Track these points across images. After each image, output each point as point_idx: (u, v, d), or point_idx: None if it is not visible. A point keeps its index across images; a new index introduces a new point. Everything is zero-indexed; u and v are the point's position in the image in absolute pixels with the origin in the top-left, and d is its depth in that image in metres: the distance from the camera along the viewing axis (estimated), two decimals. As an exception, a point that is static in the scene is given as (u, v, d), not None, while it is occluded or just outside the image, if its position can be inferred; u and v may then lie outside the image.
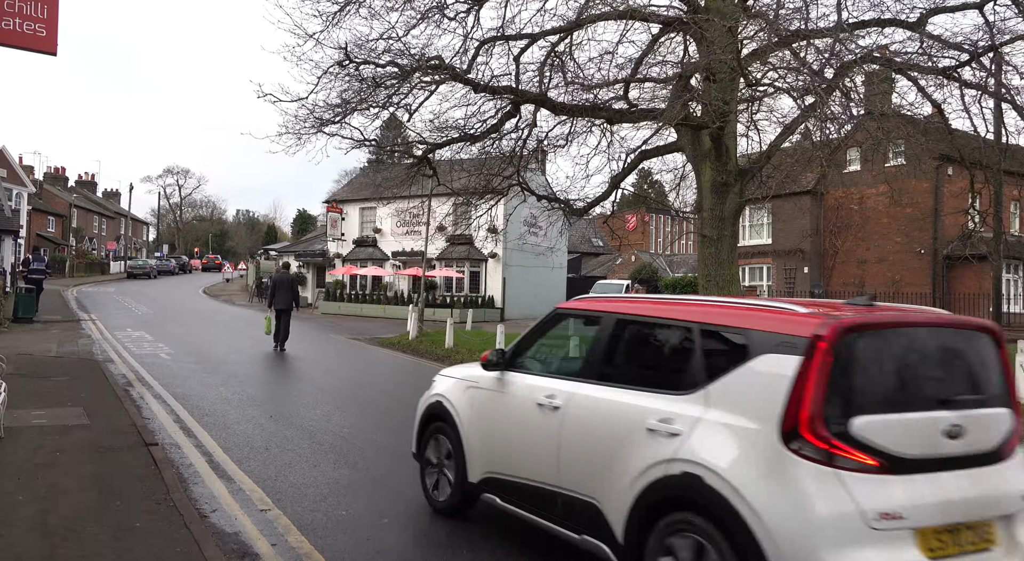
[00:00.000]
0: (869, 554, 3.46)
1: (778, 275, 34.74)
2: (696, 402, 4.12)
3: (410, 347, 20.58)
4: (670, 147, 19.46)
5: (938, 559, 3.61)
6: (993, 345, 4.21)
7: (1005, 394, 4.13)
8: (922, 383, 4.01)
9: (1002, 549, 3.80)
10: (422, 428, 6.44)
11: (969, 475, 3.84)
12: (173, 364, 15.01)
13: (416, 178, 21.64)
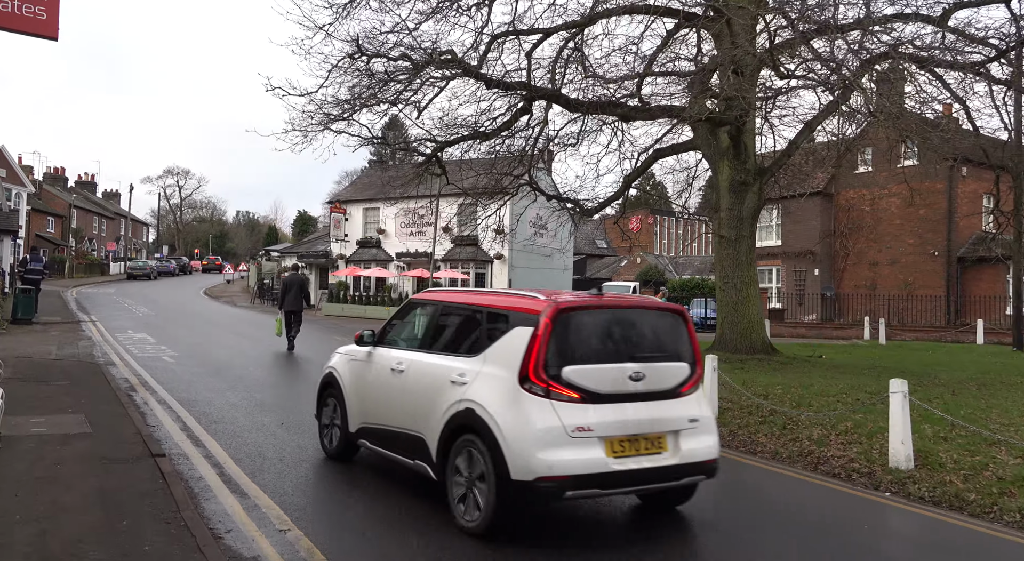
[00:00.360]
0: (566, 453, 5.31)
1: (788, 277, 34.27)
2: (478, 361, 5.94)
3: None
4: (685, 145, 19.01)
5: (619, 458, 5.47)
6: (681, 321, 6.27)
7: (688, 353, 6.10)
8: (615, 344, 5.88)
9: (669, 452, 5.73)
10: (320, 394, 8.22)
11: (647, 405, 5.72)
12: (177, 367, 14.52)
13: (424, 177, 21.18)
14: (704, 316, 32.07)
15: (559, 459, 5.28)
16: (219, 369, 14.51)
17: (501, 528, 5.51)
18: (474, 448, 5.64)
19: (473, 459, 5.65)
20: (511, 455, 5.31)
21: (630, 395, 5.66)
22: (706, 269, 49.99)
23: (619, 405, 5.60)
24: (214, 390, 12.01)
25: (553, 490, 5.31)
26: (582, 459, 5.34)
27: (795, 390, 11.84)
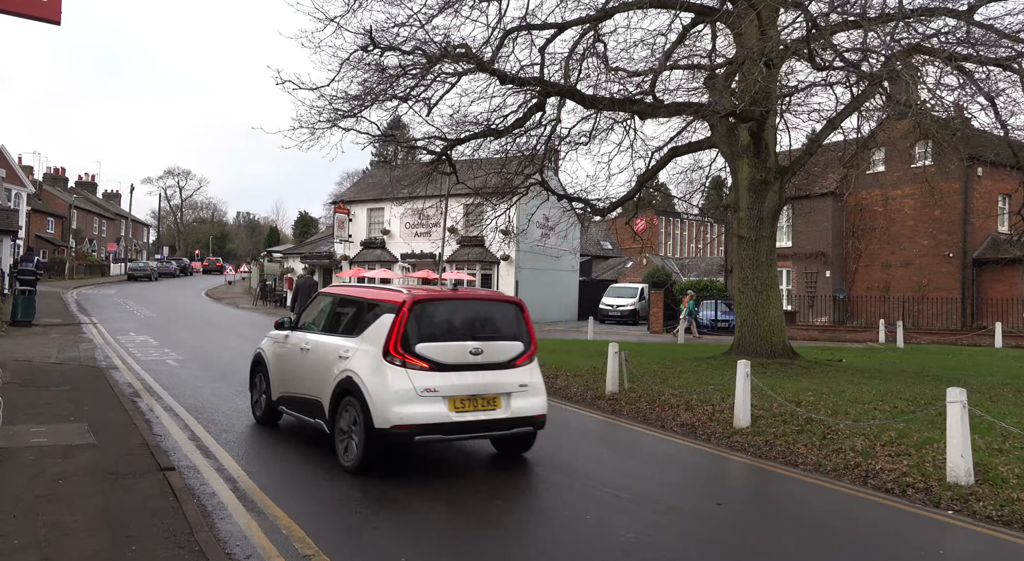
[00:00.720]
0: (416, 408, 6.96)
1: (798, 279, 33.77)
2: (358, 340, 7.57)
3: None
4: (703, 144, 18.53)
5: (459, 412, 7.14)
6: (518, 310, 7.97)
7: (523, 335, 7.81)
8: (460, 327, 7.52)
9: (502, 409, 7.40)
10: (251, 371, 9.98)
11: (484, 373, 7.37)
12: (182, 371, 14.03)
13: (433, 176, 20.70)
14: (714, 318, 31.59)
15: (410, 412, 7.00)
16: (225, 373, 14.03)
17: (371, 465, 7.19)
18: (351, 406, 7.33)
19: (351, 415, 7.34)
20: (374, 410, 7.00)
21: (470, 365, 7.40)
22: (713, 271, 49.51)
23: (461, 373, 7.33)
24: (221, 396, 11.53)
25: (405, 435, 7.04)
26: (428, 412, 7.08)
27: (827, 397, 11.36)
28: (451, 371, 7.24)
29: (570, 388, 13.63)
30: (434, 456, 8.28)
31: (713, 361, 16.64)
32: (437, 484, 7.18)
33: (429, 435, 7.15)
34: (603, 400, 12.47)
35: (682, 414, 10.87)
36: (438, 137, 18.19)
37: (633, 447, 9.52)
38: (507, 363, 7.58)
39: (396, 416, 6.93)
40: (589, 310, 40.09)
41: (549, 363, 16.07)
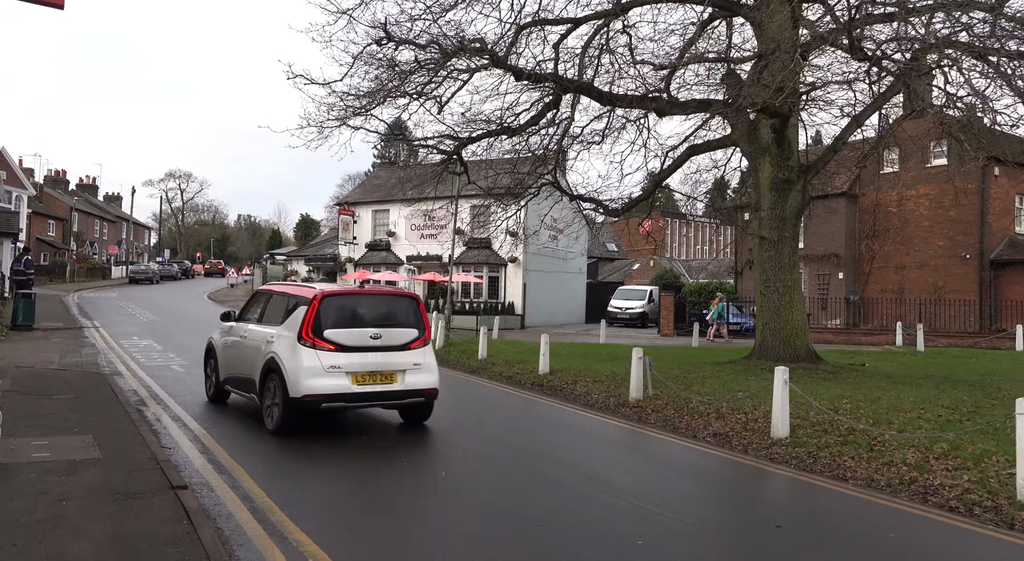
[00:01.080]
0: (323, 381, 8.55)
1: (811, 281, 33.24)
2: (281, 328, 9.14)
3: (437, 358, 19.07)
4: (722, 142, 18.04)
5: (360, 385, 8.75)
6: (414, 303, 9.66)
7: (417, 323, 9.44)
8: (362, 316, 9.12)
9: (398, 383, 9.02)
10: (204, 358, 11.70)
11: (383, 354, 8.98)
12: (188, 378, 13.54)
13: (443, 177, 20.23)
14: (726, 321, 31.06)
15: (317, 384, 8.60)
16: (233, 380, 13.55)
17: (289, 428, 8.83)
18: (274, 381, 8.96)
19: (274, 388, 8.97)
20: (289, 382, 8.63)
21: (371, 347, 9.01)
22: (721, 273, 49.00)
23: (362, 353, 8.94)
24: (231, 404, 11.04)
25: (314, 402, 8.64)
26: (333, 384, 8.69)
27: (863, 404, 10.86)
28: (354, 352, 8.93)
29: (591, 394, 13.15)
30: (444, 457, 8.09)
31: (734, 366, 16.14)
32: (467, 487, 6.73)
33: (334, 403, 8.88)
34: (627, 407, 11.98)
35: (714, 423, 10.38)
36: (449, 136, 17.71)
37: (666, 457, 9.02)
38: (403, 346, 9.30)
39: (306, 387, 8.59)
40: (597, 312, 39.60)
41: (566, 369, 15.59)
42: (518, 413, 12.06)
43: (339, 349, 8.77)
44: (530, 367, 16.10)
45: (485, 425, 10.72)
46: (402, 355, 9.17)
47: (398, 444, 8.96)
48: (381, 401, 9.21)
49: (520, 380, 15.28)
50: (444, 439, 9.40)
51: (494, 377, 15.95)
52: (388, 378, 9.02)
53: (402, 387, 9.11)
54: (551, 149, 19.13)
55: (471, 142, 17.69)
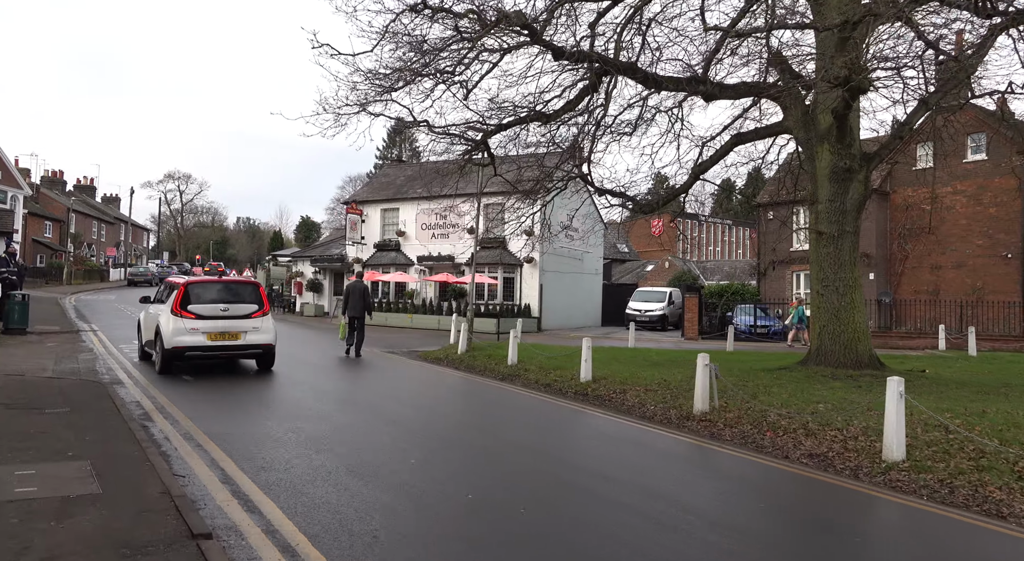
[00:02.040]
0: (186, 338, 13.33)
1: (839, 282, 31.89)
2: (165, 305, 13.91)
3: (463, 364, 17.75)
4: (773, 129, 16.69)
5: (213, 341, 13.59)
6: (255, 288, 14.84)
7: (256, 300, 14.32)
8: (216, 296, 13.99)
9: (242, 340, 13.91)
10: (136, 330, 16.25)
11: (230, 321, 13.81)
12: (196, 387, 12.17)
13: (467, 169, 18.91)
14: (752, 324, 29.74)
15: (181, 340, 13.04)
16: (247, 389, 12.17)
17: (167, 368, 13.25)
18: (159, 339, 13.40)
19: (159, 343, 13.43)
20: (165, 339, 13.07)
21: (221, 316, 13.47)
22: (737, 274, 47.70)
23: (215, 320, 13.40)
24: (248, 418, 9.68)
25: (180, 351, 13.11)
26: (193, 340, 13.14)
27: (972, 419, 9.50)
28: (208, 319, 13.49)
29: (646, 406, 11.79)
30: None
31: (790, 372, 14.78)
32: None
33: (194, 353, 13.43)
34: (693, 420, 10.64)
35: (804, 441, 9.03)
36: (477, 123, 16.37)
37: (762, 483, 7.66)
38: (246, 316, 13.95)
39: (175, 342, 13.14)
40: (613, 315, 38.27)
41: (609, 376, 14.24)
42: (567, 426, 10.69)
43: (198, 317, 13.45)
44: (568, 374, 14.75)
45: (536, 441, 9.34)
46: (245, 322, 13.93)
47: (464, 483, 7.60)
48: (229, 352, 14.05)
49: (560, 388, 13.92)
50: (505, 457, 8.04)
51: (529, 385, 14.59)
52: (234, 336, 13.79)
53: (245, 342, 13.92)
54: (582, 139, 17.85)
55: (501, 129, 16.37)
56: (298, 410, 10.41)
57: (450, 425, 10.23)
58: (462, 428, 10.03)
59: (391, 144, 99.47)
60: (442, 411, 11.58)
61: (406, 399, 12.44)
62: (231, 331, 13.68)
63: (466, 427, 10.11)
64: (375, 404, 11.44)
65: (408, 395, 13.04)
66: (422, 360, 19.15)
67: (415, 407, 11.62)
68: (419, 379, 15.52)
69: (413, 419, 10.35)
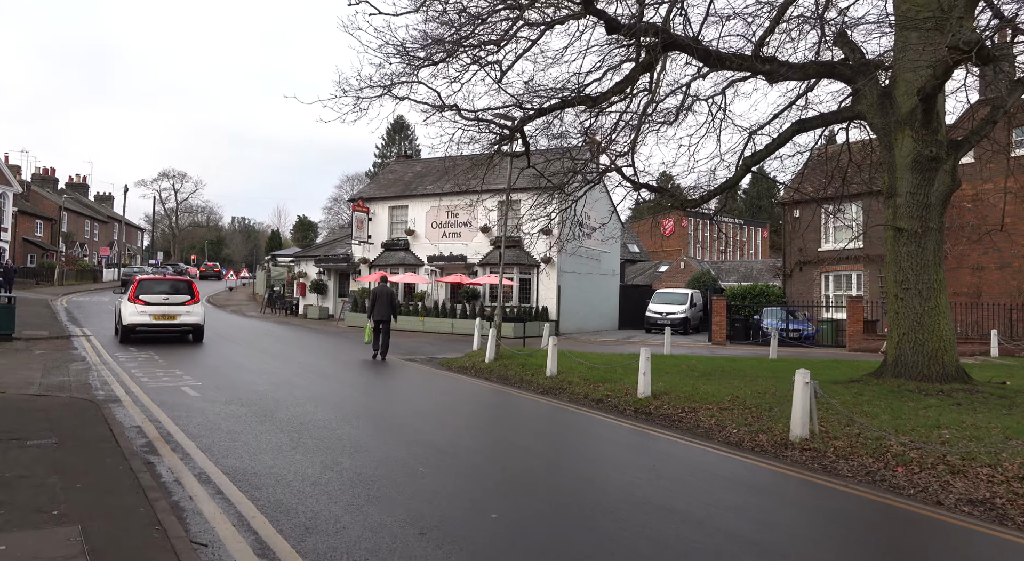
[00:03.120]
0: (136, 317, 19.48)
1: (871, 284, 30.42)
2: (125, 295, 20.66)
3: (494, 374, 16.13)
4: (842, 114, 15.10)
5: (156, 319, 19.70)
6: (188, 283, 21.13)
7: (189, 292, 20.51)
8: (160, 289, 20.31)
9: (178, 320, 19.99)
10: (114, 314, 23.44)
11: (170, 307, 19.89)
12: (207, 406, 10.52)
13: (493, 161, 17.31)
14: (785, 328, 28.17)
15: (133, 319, 19.28)
16: (265, 408, 10.53)
17: (124, 337, 19.49)
18: (119, 318, 20.08)
19: (118, 321, 20.31)
20: (123, 318, 19.43)
21: (163, 303, 19.66)
22: (754, 275, 46.18)
23: (158, 306, 19.55)
24: (274, 448, 8.03)
25: (131, 327, 19.39)
26: (141, 319, 19.35)
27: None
28: (154, 305, 19.27)
29: (726, 429, 10.17)
30: None
31: (865, 385, 13.18)
32: None
33: (142, 328, 19.26)
34: (794, 449, 9.03)
35: (954, 482, 7.43)
36: (515, 106, 14.77)
37: (941, 550, 6.05)
38: (181, 303, 19.74)
39: (128, 320, 19.05)
40: (629, 318, 36.69)
41: (670, 390, 12.62)
42: (651, 459, 9.06)
43: (146, 303, 19.34)
44: (621, 388, 13.13)
45: (625, 481, 7.70)
46: (180, 308, 19.79)
47: (574, 554, 5.97)
48: (168, 330, 19.82)
49: (615, 405, 12.29)
50: (605, 508, 6.40)
51: (577, 400, 12.97)
52: (171, 318, 19.57)
53: (179, 322, 19.72)
54: (621, 128, 16.30)
55: (541, 114, 14.79)
56: (329, 437, 8.77)
57: (514, 457, 8.60)
58: (530, 461, 8.40)
59: (390, 142, 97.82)
60: (498, 437, 9.95)
61: (448, 421, 10.81)
62: (169, 314, 19.74)
63: (534, 459, 8.48)
64: (416, 428, 9.80)
65: (448, 415, 11.41)
66: (445, 369, 17.53)
67: (461, 432, 9.99)
68: (452, 393, 13.88)
69: (470, 450, 8.71)
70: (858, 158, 18.12)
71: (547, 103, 14.58)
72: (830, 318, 30.70)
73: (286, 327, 29.50)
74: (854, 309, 26.58)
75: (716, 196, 17.82)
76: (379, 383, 14.78)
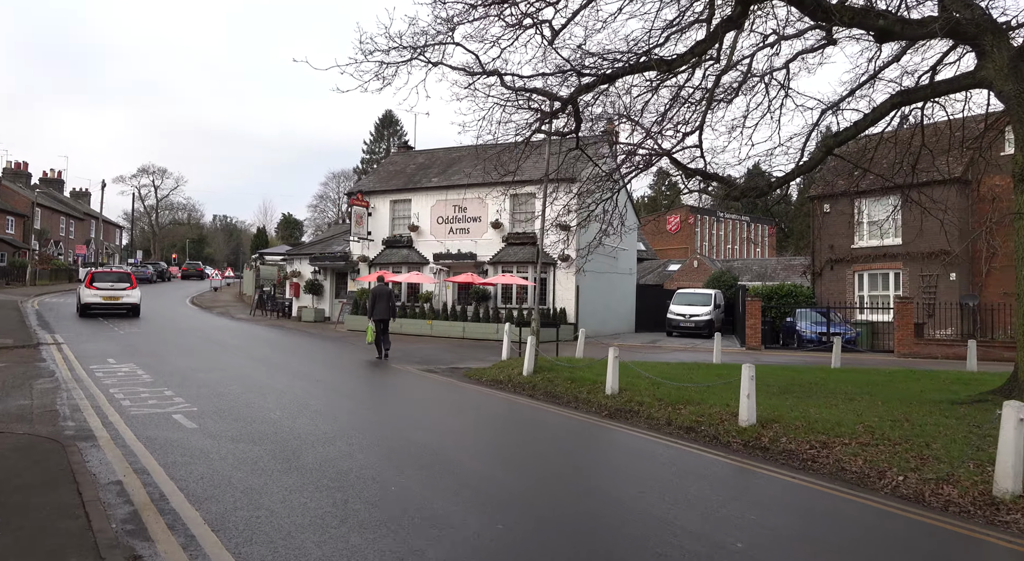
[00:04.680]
0: (91, 298, 27.41)
1: (912, 283, 28.33)
2: (83, 284, 29.09)
3: (537, 390, 13.76)
4: (959, 82, 12.83)
5: (106, 301, 27.61)
6: (127, 274, 30.09)
7: (129, 281, 28.54)
8: (108, 278, 28.76)
9: (120, 301, 27.92)
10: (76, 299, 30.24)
11: (115, 291, 27.83)
12: (209, 446, 8.04)
13: (524, 146, 14.96)
14: (824, 331, 25.97)
15: (88, 299, 27.14)
16: (286, 448, 8.07)
17: (82, 314, 27.18)
18: (78, 299, 28.20)
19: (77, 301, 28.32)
20: (81, 299, 27.45)
21: (111, 289, 27.58)
22: (766, 274, 44.11)
23: (107, 291, 27.43)
24: (315, 521, 5.60)
25: (88, 306, 27.22)
26: (95, 300, 27.19)
27: None
28: (104, 290, 27.32)
29: (886, 475, 7.80)
30: None
31: (992, 405, 10.90)
32: None
33: (96, 305, 27.13)
34: (1008, 510, 6.71)
35: None
36: (572, 71, 12.40)
37: None
38: (123, 289, 27.64)
39: (84, 300, 27.12)
40: (645, 319, 34.46)
41: (779, 417, 10.25)
42: (813, 525, 6.69)
43: (99, 288, 27.08)
44: (711, 411, 10.77)
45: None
46: (122, 292, 27.39)
47: None
48: (115, 308, 27.44)
49: (712, 434, 9.92)
50: None
51: (658, 427, 10.60)
52: (116, 299, 27.24)
53: (121, 302, 27.34)
54: (680, 105, 14.04)
55: (605, 81, 12.43)
56: (386, 500, 6.35)
57: (623, 514, 6.20)
58: (647, 529, 6.00)
59: (378, 138, 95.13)
60: (586, 489, 7.52)
61: (515, 461, 8.42)
62: (114, 296, 27.15)
63: (652, 527, 6.09)
64: (490, 478, 7.39)
65: (514, 451, 9.02)
66: (475, 382, 15.15)
67: (549, 482, 7.59)
68: (502, 418, 11.50)
69: (568, 515, 6.32)
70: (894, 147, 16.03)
71: (611, 69, 12.19)
72: (865, 320, 28.63)
73: (281, 332, 26.94)
74: (904, 311, 24.44)
75: (790, 181, 15.56)
76: (410, 405, 12.36)
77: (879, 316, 28.19)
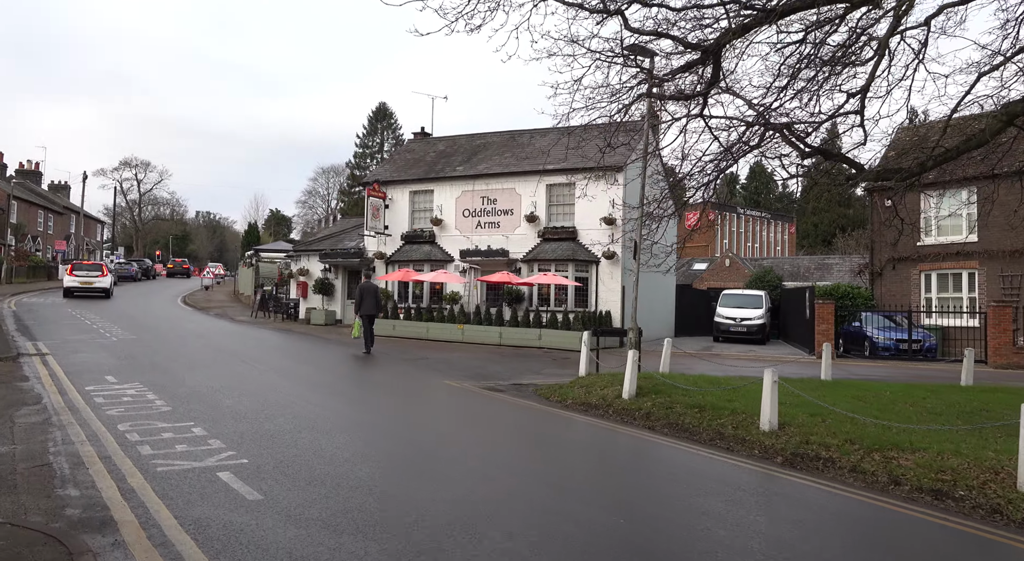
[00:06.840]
0: (73, 284, 35.25)
1: (990, 284, 25.73)
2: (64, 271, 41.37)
3: (652, 419, 10.93)
4: None
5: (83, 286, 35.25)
6: (101, 265, 38.76)
7: (101, 270, 36.77)
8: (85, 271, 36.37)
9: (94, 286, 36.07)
10: None
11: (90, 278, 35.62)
12: (294, 539, 5.07)
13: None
14: (906, 338, 23.29)
15: (70, 284, 34.87)
16: (419, 543, 5.12)
17: (66, 295, 34.01)
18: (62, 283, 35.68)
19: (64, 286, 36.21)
20: (65, 283, 35.27)
21: (88, 276, 35.33)
22: (799, 274, 41.53)
23: (84, 277, 35.15)
24: None
25: (70, 290, 34.76)
26: (75, 285, 34.78)
27: None
28: (81, 279, 34.94)
29: None
30: None
31: None
32: None
33: (77, 288, 34.59)
34: None
35: None
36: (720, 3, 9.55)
37: None
38: (96, 276, 35.45)
39: (67, 284, 34.87)
40: (683, 322, 31.71)
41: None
42: None
43: (76, 276, 34.92)
44: (946, 463, 7.93)
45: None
46: (96, 278, 35.19)
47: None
48: (91, 292, 34.78)
49: (977, 501, 7.09)
50: None
51: (877, 485, 7.76)
52: (91, 283, 34.88)
53: (95, 286, 34.94)
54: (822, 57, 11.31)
55: (768, 20, 9.55)
56: None
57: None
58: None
59: (372, 131, 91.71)
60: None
61: (646, 534, 5.53)
62: (91, 282, 34.74)
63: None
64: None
65: (635, 521, 6.13)
66: (557, 405, 12.37)
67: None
68: (630, 468, 8.62)
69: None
70: None
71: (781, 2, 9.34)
72: (935, 325, 26.04)
73: (293, 338, 23.86)
74: (1000, 316, 21.83)
75: (945, 162, 12.79)
76: (500, 450, 9.48)
77: (950, 320, 25.64)
